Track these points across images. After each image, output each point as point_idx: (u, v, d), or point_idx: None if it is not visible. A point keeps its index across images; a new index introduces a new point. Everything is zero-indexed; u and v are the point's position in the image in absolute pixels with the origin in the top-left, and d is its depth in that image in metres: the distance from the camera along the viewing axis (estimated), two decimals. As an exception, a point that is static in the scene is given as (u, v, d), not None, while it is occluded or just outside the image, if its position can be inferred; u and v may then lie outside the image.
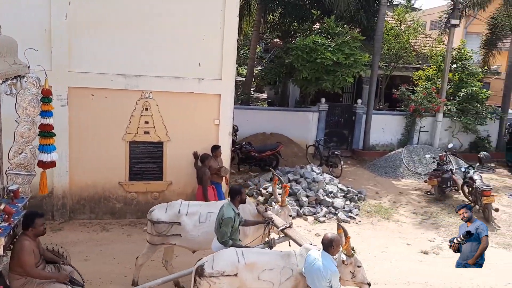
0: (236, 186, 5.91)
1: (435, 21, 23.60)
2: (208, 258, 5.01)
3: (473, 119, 15.91)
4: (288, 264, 5.02)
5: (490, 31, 17.31)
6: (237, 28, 9.03)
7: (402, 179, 13.60)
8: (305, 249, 5.11)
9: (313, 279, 4.68)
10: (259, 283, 4.91)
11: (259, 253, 5.26)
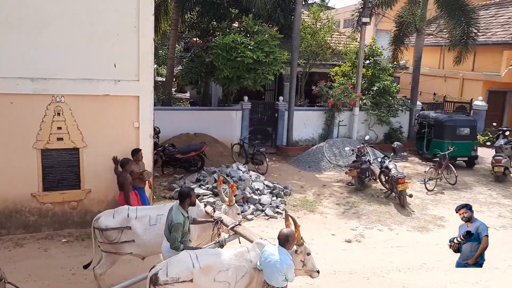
0: (185, 189, 5.79)
1: (348, 20, 24.69)
2: (161, 265, 4.91)
3: (386, 111, 16.88)
4: (242, 261, 5.06)
5: (398, 28, 18.43)
6: (153, 27, 8.73)
7: (324, 172, 14.07)
8: (257, 244, 5.20)
9: (269, 274, 4.82)
10: (215, 284, 4.91)
11: (213, 254, 5.20)
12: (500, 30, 19.84)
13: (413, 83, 18.22)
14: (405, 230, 9.85)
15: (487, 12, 22.41)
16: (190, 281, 4.80)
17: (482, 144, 16.85)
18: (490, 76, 18.85)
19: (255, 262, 5.05)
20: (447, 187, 12.89)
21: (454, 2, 16.73)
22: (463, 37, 16.75)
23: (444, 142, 14.55)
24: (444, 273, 7.82)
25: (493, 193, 12.54)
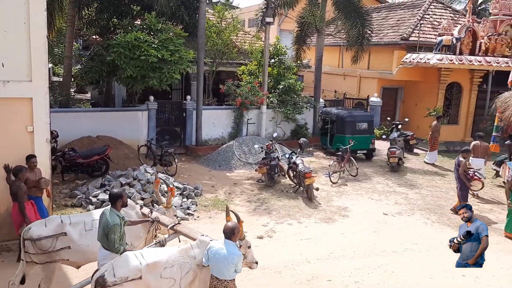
0: (116, 190, 5.67)
1: (252, 19, 25.16)
2: (106, 267, 4.86)
3: (292, 109, 17.44)
4: (187, 258, 5.19)
5: (300, 28, 19.13)
6: (46, 23, 8.07)
7: (235, 170, 14.15)
8: (200, 241, 5.35)
9: (219, 268, 5.00)
10: (162, 281, 4.99)
11: (157, 252, 5.27)
12: (390, 31, 21.49)
13: (316, 81, 19.04)
14: (313, 222, 10.24)
15: (379, 15, 24.17)
16: (139, 278, 4.85)
17: (379, 137, 18.12)
18: (383, 74, 20.35)
19: (199, 258, 5.19)
20: (349, 179, 13.66)
21: (349, 4, 17.79)
22: (358, 37, 17.89)
23: (346, 136, 15.40)
24: (349, 260, 8.27)
25: (390, 182, 13.54)
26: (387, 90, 21.15)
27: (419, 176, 14.34)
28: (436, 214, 10.98)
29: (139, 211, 6.46)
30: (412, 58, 18.61)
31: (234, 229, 5.11)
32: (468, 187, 10.97)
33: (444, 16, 21.72)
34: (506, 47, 18.55)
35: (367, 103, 20.47)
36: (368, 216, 10.72)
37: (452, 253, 8.75)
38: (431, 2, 22.62)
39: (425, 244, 9.17)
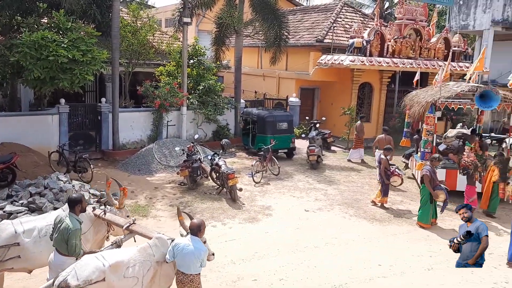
0: (75, 195, 5.68)
1: (170, 19, 24.63)
2: (67, 271, 4.84)
3: (213, 110, 17.33)
4: (146, 256, 5.30)
5: (218, 29, 19.07)
6: None
7: (156, 174, 13.74)
8: (158, 239, 5.47)
9: (186, 263, 5.24)
10: (125, 281, 5.04)
11: (118, 252, 5.33)
12: (306, 33, 22.21)
13: (236, 82, 19.11)
14: (237, 223, 10.22)
15: (295, 17, 24.88)
16: (102, 280, 4.85)
17: (298, 136, 18.63)
18: (300, 75, 20.96)
19: (158, 256, 5.36)
20: (272, 178, 13.86)
21: (266, 6, 18.07)
22: (276, 39, 18.23)
23: (267, 136, 15.62)
24: (274, 259, 8.35)
25: (310, 180, 13.95)
26: (304, 90, 21.81)
27: (337, 173, 14.94)
28: (354, 208, 11.49)
29: (91, 213, 6.28)
30: (327, 59, 19.37)
31: (200, 226, 5.39)
32: (387, 183, 11.55)
33: (355, 20, 22.89)
34: (410, 49, 19.97)
35: (286, 103, 20.94)
36: (290, 213, 10.94)
37: (366, 244, 9.23)
38: (342, 6, 23.75)
39: (344, 237, 9.55)
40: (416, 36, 20.40)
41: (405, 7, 19.94)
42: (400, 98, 20.31)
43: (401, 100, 19.79)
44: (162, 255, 5.41)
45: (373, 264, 8.28)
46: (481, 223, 6.87)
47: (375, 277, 7.82)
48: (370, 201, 11.89)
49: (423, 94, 13.56)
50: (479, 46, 24.94)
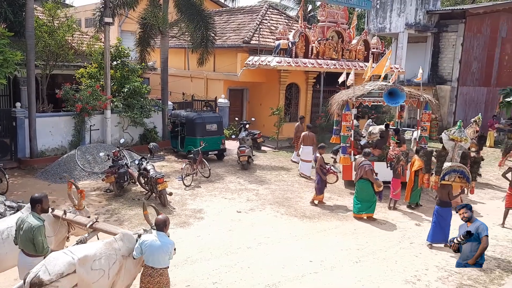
0: (37, 194, 5.82)
1: (90, 19, 23.54)
2: (38, 268, 4.98)
3: (139, 113, 16.76)
4: (112, 250, 5.53)
5: (142, 30, 18.52)
6: None
7: (80, 181, 13.02)
8: (123, 234, 5.74)
9: (157, 257, 5.50)
10: (93, 273, 5.27)
11: (84, 247, 5.54)
12: (233, 35, 22.25)
13: (163, 84, 18.67)
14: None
15: (221, 18, 24.85)
16: (73, 272, 5.06)
17: (228, 137, 18.60)
18: (229, 76, 20.96)
19: (123, 250, 5.62)
20: (202, 180, 13.69)
21: (192, 7, 17.84)
22: (203, 40, 18.05)
23: (196, 138, 15.42)
24: (207, 262, 8.23)
25: (241, 180, 13.97)
26: (233, 91, 21.85)
27: (268, 172, 15.11)
28: (285, 206, 11.67)
29: (50, 214, 6.32)
30: (254, 60, 19.54)
31: (166, 221, 5.68)
32: (324, 180, 11.87)
33: (280, 22, 23.35)
34: (333, 51, 20.73)
35: (215, 104, 20.84)
36: (222, 215, 10.86)
37: (298, 241, 9.40)
38: (267, 8, 24.11)
39: (276, 236, 9.64)
40: (338, 38, 21.24)
41: (327, 10, 20.67)
42: (325, 98, 21.07)
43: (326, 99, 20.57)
44: (127, 249, 5.68)
45: (304, 261, 8.44)
46: (481, 223, 6.88)
47: (307, 273, 7.97)
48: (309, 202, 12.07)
49: (344, 94, 14.17)
50: (395, 48, 26.53)
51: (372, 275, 8.03)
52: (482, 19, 25.29)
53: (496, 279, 7.96)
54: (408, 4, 25.04)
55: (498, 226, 10.74)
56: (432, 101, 13.74)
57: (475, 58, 25.66)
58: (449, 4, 32.35)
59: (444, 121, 24.93)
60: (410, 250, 9.18)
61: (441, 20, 25.64)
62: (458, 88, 25.23)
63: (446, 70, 25.65)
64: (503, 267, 8.48)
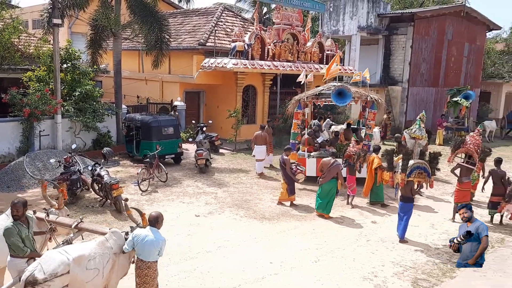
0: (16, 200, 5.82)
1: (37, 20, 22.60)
2: (33, 266, 5.15)
3: (92, 117, 16.22)
4: (105, 249, 5.70)
5: (94, 31, 17.96)
6: None
7: (29, 190, 12.45)
8: (113, 233, 5.92)
9: (148, 251, 5.80)
10: (88, 272, 5.41)
11: (79, 247, 5.69)
12: (188, 37, 22.02)
13: (116, 87, 18.18)
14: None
15: (176, 20, 24.54)
16: (67, 273, 5.20)
17: (185, 141, 18.36)
18: (185, 78, 20.70)
19: (115, 248, 5.81)
20: (159, 185, 13.42)
21: (145, 8, 17.49)
22: (157, 42, 17.72)
23: (152, 142, 15.10)
24: (165, 268, 8.05)
25: (199, 184, 13.81)
26: (189, 93, 21.60)
27: (226, 175, 15.01)
28: (244, 209, 11.62)
29: (34, 216, 6.27)
30: (210, 62, 19.41)
31: (158, 218, 5.99)
32: (295, 181, 12.04)
33: (235, 24, 23.34)
34: (288, 53, 20.94)
35: (171, 107, 20.53)
36: (180, 220, 10.67)
37: (258, 243, 9.38)
38: (223, 10, 24.04)
39: (236, 239, 9.58)
40: (293, 40, 21.49)
41: (282, 12, 20.87)
42: (282, 100, 21.25)
43: (283, 101, 20.75)
44: (118, 247, 5.86)
45: (264, 263, 8.43)
46: (481, 223, 6.92)
47: (267, 275, 7.96)
48: (277, 203, 12.11)
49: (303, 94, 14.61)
50: (348, 50, 27.16)
51: (331, 273, 8.13)
52: (429, 23, 26.35)
53: (448, 272, 8.27)
54: (360, 8, 25.70)
55: (449, 221, 11.17)
56: (378, 101, 14.28)
57: (424, 59, 26.69)
58: (398, 8, 33.48)
59: (396, 121, 25.76)
60: (367, 248, 9.37)
61: (392, 23, 26.49)
62: (409, 89, 26.15)
63: (397, 71, 26.52)
64: (454, 260, 8.81)
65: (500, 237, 10.21)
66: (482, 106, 30.69)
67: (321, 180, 11.21)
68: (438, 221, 11.18)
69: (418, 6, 34.35)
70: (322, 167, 11.39)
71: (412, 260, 8.76)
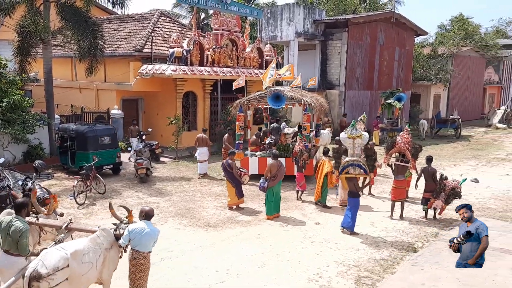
0: (22, 200, 6.51)
1: (-43, 26, 20.95)
2: (35, 263, 5.59)
3: (21, 128, 15.27)
4: (96, 245, 6.18)
5: (21, 38, 16.98)
6: None
7: (-50, 209, 11.45)
8: (103, 230, 6.41)
9: (143, 243, 6.45)
10: (83, 265, 5.89)
11: (73, 243, 6.13)
12: (124, 43, 21.41)
13: (47, 96, 17.28)
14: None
15: (110, 26, 23.79)
16: (67, 266, 5.67)
17: (124, 150, 17.76)
18: (121, 86, 20.07)
19: (106, 243, 6.30)
20: (97, 197, 12.87)
21: (76, 14, 16.79)
22: (91, 48, 17.05)
23: (89, 153, 14.48)
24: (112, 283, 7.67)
25: (140, 194, 13.39)
26: (127, 101, 20.99)
27: (168, 184, 14.68)
28: (187, 217, 11.40)
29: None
30: (148, 69, 18.97)
31: (151, 211, 6.73)
32: (241, 183, 12.20)
33: (173, 30, 23.01)
34: (228, 59, 20.95)
35: (108, 116, 19.82)
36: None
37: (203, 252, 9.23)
38: (159, 16, 23.63)
39: (180, 249, 9.36)
40: (233, 46, 21.53)
41: (220, 18, 20.86)
42: (223, 105, 21.19)
43: (224, 107, 20.72)
44: (108, 242, 6.34)
45: (210, 271, 8.29)
46: (481, 223, 6.90)
47: (213, 283, 7.83)
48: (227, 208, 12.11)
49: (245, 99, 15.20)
50: (287, 55, 27.65)
51: (277, 277, 8.14)
52: (362, 28, 27.44)
53: (388, 267, 8.56)
54: (296, 14, 26.26)
55: (387, 219, 11.59)
56: (312, 104, 14.88)
57: (359, 64, 27.73)
58: (333, 14, 34.60)
59: (335, 123, 26.52)
60: (311, 249, 9.49)
61: (327, 29, 27.30)
62: (345, 92, 27.03)
63: (334, 75, 27.33)
64: (394, 256, 9.15)
65: (435, 231, 10.73)
66: (413, 107, 32.34)
67: (271, 183, 11.32)
68: (378, 219, 11.58)
69: (352, 12, 35.69)
70: (271, 169, 11.47)
71: (354, 259, 8.97)
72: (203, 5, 21.23)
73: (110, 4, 19.06)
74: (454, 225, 10.95)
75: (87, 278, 6.02)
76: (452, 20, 41.84)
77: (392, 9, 32.24)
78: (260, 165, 14.91)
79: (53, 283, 5.55)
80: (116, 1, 18.06)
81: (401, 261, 8.88)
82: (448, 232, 10.48)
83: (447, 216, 11.66)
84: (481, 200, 13.47)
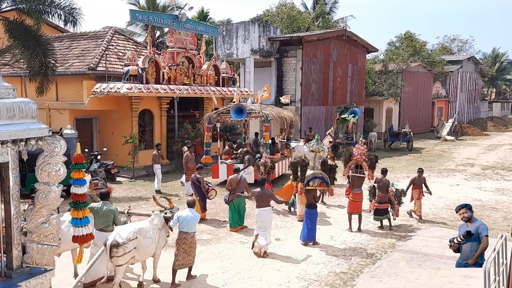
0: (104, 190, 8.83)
1: None
2: (113, 235, 7.42)
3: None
4: (153, 225, 8.00)
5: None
6: None
7: None
8: (155, 215, 8.23)
9: (189, 225, 8.17)
10: (146, 240, 7.71)
11: (138, 223, 8.13)
12: (77, 61, 20.90)
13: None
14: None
15: (62, 44, 23.20)
16: (135, 238, 7.46)
17: (79, 171, 17.15)
18: (75, 105, 19.50)
19: (159, 225, 8.08)
20: (50, 221, 12.33)
21: (26, 32, 16.28)
22: (42, 67, 16.55)
23: (40, 175, 13.88)
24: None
25: (96, 216, 12.96)
26: (81, 121, 20.39)
27: (125, 204, 14.27)
28: (146, 238, 11.13)
29: None
30: (102, 87, 18.58)
31: (195, 201, 8.82)
32: (208, 197, 12.58)
33: (128, 48, 22.74)
34: (184, 76, 20.88)
35: (61, 136, 19.14)
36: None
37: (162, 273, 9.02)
38: (113, 34, 23.30)
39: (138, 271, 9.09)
40: (189, 63, 21.50)
41: (175, 36, 20.82)
42: (180, 123, 21.02)
43: (181, 124, 20.56)
44: (161, 224, 8.11)
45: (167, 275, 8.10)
46: (481, 223, 6.95)
47: (174, 306, 7.65)
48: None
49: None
50: (243, 72, 27.90)
51: (239, 296, 8.06)
52: (316, 46, 28.16)
53: (349, 280, 8.69)
54: (251, 32, 26.62)
55: (347, 231, 11.80)
56: (269, 116, 16.74)
57: (313, 80, 28.36)
58: (287, 32, 35.33)
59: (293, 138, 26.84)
60: (272, 266, 9.49)
61: (282, 46, 27.82)
62: (302, 108, 27.52)
63: (290, 92, 27.75)
64: (353, 268, 9.30)
65: (392, 242, 11.02)
66: (367, 122, 33.35)
67: (231, 196, 11.57)
68: (336, 232, 11.76)
69: (305, 30, 36.59)
70: (231, 183, 11.74)
71: (315, 273, 9.05)
72: (158, 23, 21.18)
73: (62, 22, 18.57)
74: (411, 236, 11.31)
75: (149, 250, 7.80)
76: (400, 38, 43.71)
77: (344, 26, 33.36)
78: (228, 171, 15.54)
79: (127, 249, 7.28)
80: (68, 19, 17.62)
81: (361, 273, 9.04)
82: (404, 243, 10.79)
83: (402, 228, 12.02)
84: (434, 210, 13.99)
